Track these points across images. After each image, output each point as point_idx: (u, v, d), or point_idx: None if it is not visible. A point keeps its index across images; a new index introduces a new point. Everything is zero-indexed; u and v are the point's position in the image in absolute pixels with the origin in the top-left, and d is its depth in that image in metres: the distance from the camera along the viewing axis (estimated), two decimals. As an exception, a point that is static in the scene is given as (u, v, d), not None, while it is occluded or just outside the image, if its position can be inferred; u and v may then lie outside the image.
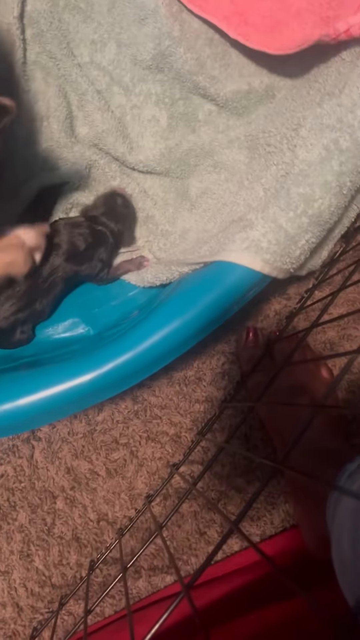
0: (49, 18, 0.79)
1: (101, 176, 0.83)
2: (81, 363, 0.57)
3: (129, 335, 0.57)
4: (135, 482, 0.84)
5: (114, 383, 0.58)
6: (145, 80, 0.81)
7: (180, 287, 0.63)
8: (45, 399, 0.56)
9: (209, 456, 0.85)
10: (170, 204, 0.83)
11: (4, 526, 0.81)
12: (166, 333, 0.56)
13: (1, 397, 0.56)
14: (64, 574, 0.81)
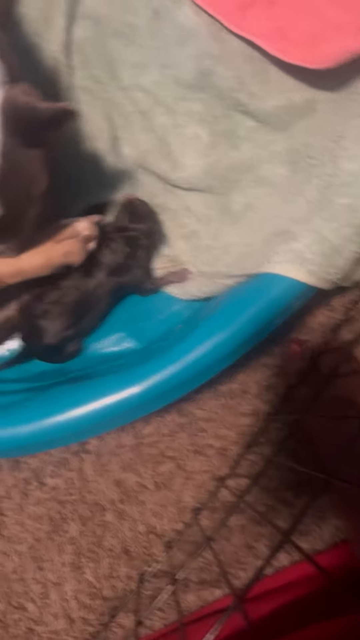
0: (94, 44, 0.82)
1: (145, 194, 0.85)
2: (130, 375, 0.58)
3: (176, 348, 0.59)
4: (182, 495, 0.84)
5: (161, 395, 0.59)
6: (187, 99, 0.82)
7: (224, 299, 0.64)
8: (95, 411, 0.57)
9: (255, 469, 0.84)
10: (212, 220, 0.84)
11: (55, 538, 0.83)
12: (212, 345, 0.57)
13: (53, 409, 0.58)
14: (114, 587, 0.82)
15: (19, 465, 0.84)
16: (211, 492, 0.84)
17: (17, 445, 0.60)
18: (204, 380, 0.65)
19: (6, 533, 0.83)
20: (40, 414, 0.58)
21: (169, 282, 0.81)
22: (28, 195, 0.58)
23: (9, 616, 0.81)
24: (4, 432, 0.58)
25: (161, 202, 0.85)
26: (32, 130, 0.53)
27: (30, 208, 0.60)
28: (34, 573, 0.82)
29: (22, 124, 0.52)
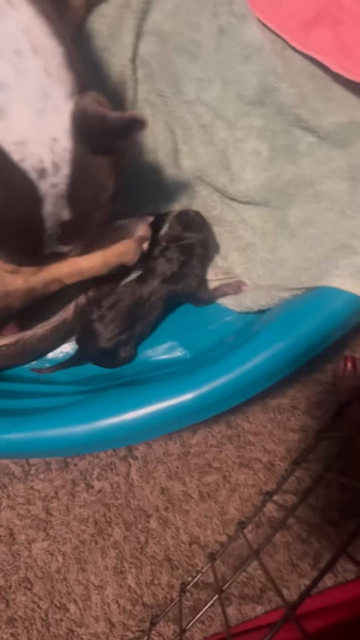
0: (159, 59, 0.84)
1: (203, 206, 0.86)
2: (183, 382, 0.59)
3: (231, 357, 0.59)
4: (227, 507, 0.84)
5: (213, 403, 0.59)
6: (248, 114, 0.83)
7: (281, 311, 0.64)
8: (149, 415, 0.58)
9: (302, 486, 0.84)
10: (269, 233, 0.85)
11: (99, 541, 0.84)
12: (267, 356, 0.57)
13: (107, 411, 0.59)
14: (155, 594, 0.82)
15: (68, 466, 0.86)
16: (256, 507, 0.83)
17: (70, 445, 0.61)
18: (257, 391, 0.65)
19: (52, 533, 0.85)
20: (94, 415, 0.59)
21: (224, 294, 0.82)
22: (95, 201, 0.60)
23: (51, 615, 0.82)
24: (59, 431, 0.60)
25: (218, 214, 0.86)
26: (100, 138, 0.55)
27: (97, 213, 0.61)
28: (77, 574, 0.83)
29: (91, 132, 0.54)
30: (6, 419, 0.62)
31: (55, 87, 0.52)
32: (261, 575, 0.81)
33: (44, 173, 0.53)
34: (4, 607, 0.83)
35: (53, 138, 0.52)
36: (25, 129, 0.51)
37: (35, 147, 0.52)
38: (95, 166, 0.56)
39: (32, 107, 0.51)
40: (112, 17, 0.85)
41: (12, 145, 0.51)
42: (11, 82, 0.50)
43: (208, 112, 0.85)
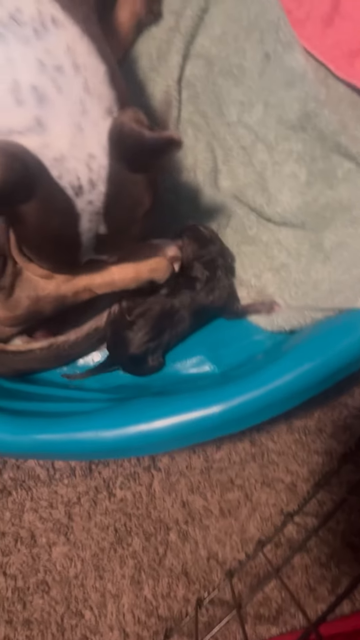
0: (204, 82, 0.87)
1: (239, 225, 0.88)
2: (213, 394, 0.60)
3: (261, 373, 0.60)
4: (247, 525, 0.84)
5: (241, 418, 0.60)
6: (288, 139, 0.85)
7: (312, 331, 0.65)
8: (177, 424, 0.59)
9: (324, 510, 0.83)
10: (303, 255, 0.86)
11: (118, 550, 0.85)
12: (298, 374, 0.58)
13: (136, 418, 0.60)
14: (170, 607, 0.82)
15: (92, 473, 0.87)
16: (277, 527, 0.83)
17: (99, 449, 0.62)
18: (285, 409, 0.65)
19: (72, 538, 0.86)
20: (124, 421, 0.60)
21: (256, 311, 0.83)
22: (131, 217, 0.60)
23: (67, 621, 0.83)
24: (88, 434, 0.61)
25: (254, 234, 0.87)
26: (137, 156, 0.55)
27: (133, 227, 0.63)
28: (95, 581, 0.84)
29: (127, 150, 0.54)
30: (38, 420, 0.64)
31: (94, 103, 0.53)
32: (278, 597, 0.81)
33: (81, 190, 0.54)
34: (20, 608, 0.84)
35: (90, 155, 0.53)
36: (64, 145, 0.52)
37: (72, 164, 0.53)
38: (131, 183, 0.57)
39: (70, 122, 0.52)
40: (161, 40, 0.88)
41: (51, 161, 0.52)
42: (51, 98, 0.51)
43: (249, 134, 0.87)
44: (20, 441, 0.62)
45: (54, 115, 0.51)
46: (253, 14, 0.83)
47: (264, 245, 0.87)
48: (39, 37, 0.51)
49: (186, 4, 0.85)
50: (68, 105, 0.52)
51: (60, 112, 0.51)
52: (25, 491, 0.87)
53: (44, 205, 0.54)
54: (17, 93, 0.50)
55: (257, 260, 0.88)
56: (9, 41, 0.50)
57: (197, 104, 0.88)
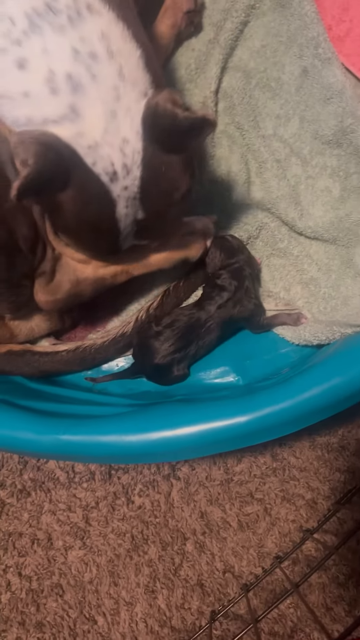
0: (241, 94, 0.87)
1: (270, 238, 0.88)
2: (240, 404, 0.60)
3: (289, 384, 0.59)
4: (265, 540, 0.83)
5: (267, 429, 0.60)
6: (323, 153, 0.85)
7: (343, 346, 0.64)
8: (202, 432, 0.59)
9: (344, 528, 0.82)
10: (333, 270, 0.85)
11: (134, 557, 0.84)
12: (326, 388, 0.57)
13: (161, 424, 0.60)
14: (184, 619, 0.81)
15: (112, 478, 0.87)
16: (295, 543, 0.82)
17: (122, 453, 0.62)
18: (310, 423, 0.64)
19: (89, 542, 0.86)
20: (149, 426, 0.60)
21: (282, 323, 0.82)
22: (168, 199, 0.60)
23: (79, 626, 0.82)
24: (112, 437, 0.61)
25: (284, 246, 0.87)
26: (171, 137, 0.54)
27: (171, 210, 0.62)
28: (109, 587, 0.84)
29: (161, 131, 0.54)
30: (62, 420, 0.64)
31: (127, 88, 0.53)
32: (293, 614, 0.80)
33: (115, 176, 0.54)
34: (34, 610, 0.84)
35: (124, 139, 0.53)
36: (97, 133, 0.52)
37: (105, 150, 0.53)
38: (167, 165, 0.56)
39: (104, 109, 0.52)
40: (200, 51, 0.89)
41: (85, 149, 0.52)
42: (85, 85, 0.51)
43: (284, 147, 0.87)
44: (43, 441, 0.62)
45: (88, 103, 0.52)
46: (293, 28, 0.83)
47: (295, 258, 0.87)
48: (73, 25, 0.51)
49: (227, 17, 0.85)
50: (102, 92, 0.52)
51: (94, 99, 0.52)
52: (44, 493, 0.87)
53: (80, 193, 0.55)
54: (52, 82, 0.51)
55: (286, 274, 0.88)
56: (45, 31, 0.50)
57: (233, 115, 0.89)
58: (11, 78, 0.52)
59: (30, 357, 0.78)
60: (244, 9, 0.84)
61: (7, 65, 0.51)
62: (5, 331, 0.77)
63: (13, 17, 0.50)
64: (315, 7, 0.81)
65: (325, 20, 0.81)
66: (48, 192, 0.54)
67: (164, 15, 0.84)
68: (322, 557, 0.79)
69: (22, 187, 0.50)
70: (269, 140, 0.88)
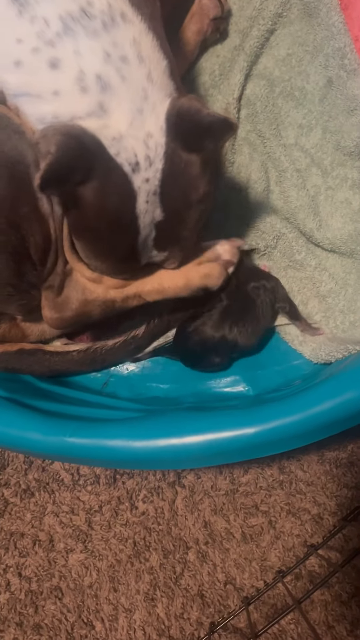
0: (265, 102, 0.87)
1: (287, 249, 0.87)
2: (249, 414, 0.59)
3: (301, 397, 0.59)
4: (268, 553, 0.82)
5: (276, 441, 0.59)
6: (344, 165, 0.84)
7: (357, 360, 0.63)
8: (209, 442, 0.58)
9: (349, 546, 0.81)
10: (350, 285, 0.84)
11: (135, 564, 0.83)
12: (339, 402, 0.56)
13: (170, 431, 0.59)
14: (182, 629, 0.80)
15: (116, 483, 0.86)
16: (299, 558, 0.81)
17: (128, 458, 0.61)
18: (320, 437, 0.63)
19: (90, 546, 0.85)
20: (157, 433, 0.59)
21: (303, 329, 0.81)
22: (187, 200, 0.60)
23: (77, 630, 0.82)
24: (119, 442, 0.60)
25: (302, 258, 0.86)
26: (192, 134, 0.56)
27: (189, 214, 0.61)
28: (108, 593, 0.83)
29: (183, 128, 0.56)
30: (70, 422, 0.63)
31: (155, 90, 0.56)
32: (294, 630, 0.78)
33: (138, 167, 0.55)
34: (32, 612, 0.83)
35: (148, 134, 0.55)
36: (123, 126, 0.54)
37: (130, 142, 0.54)
38: (187, 163, 0.57)
39: (132, 107, 0.55)
40: (225, 58, 0.89)
41: (109, 140, 0.54)
42: (114, 85, 0.53)
43: (305, 157, 0.87)
44: (49, 442, 0.62)
45: (116, 101, 0.54)
46: (319, 38, 0.83)
47: (312, 270, 0.86)
48: (107, 30, 0.53)
49: (253, 24, 0.85)
50: (130, 92, 0.54)
51: (122, 98, 0.54)
52: (48, 494, 0.87)
53: (102, 184, 0.55)
54: (82, 82, 0.53)
55: (303, 286, 0.86)
56: (78, 35, 0.53)
57: (255, 123, 0.88)
58: (42, 77, 0.54)
59: (42, 356, 0.78)
60: (271, 17, 0.84)
61: (40, 64, 0.53)
62: (17, 331, 0.76)
63: (47, 18, 0.53)
64: (342, 17, 0.80)
65: (353, 31, 0.80)
66: (71, 182, 0.55)
67: (190, 21, 0.84)
68: (326, 573, 0.78)
69: (45, 175, 0.51)
70: (290, 149, 0.88)
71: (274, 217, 0.88)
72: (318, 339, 0.80)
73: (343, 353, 0.72)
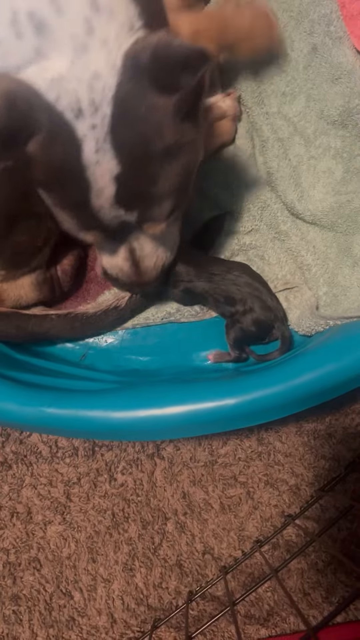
0: (245, 69, 0.85)
1: (272, 220, 0.86)
2: (229, 385, 0.59)
3: (281, 369, 0.59)
4: (246, 523, 0.83)
5: (256, 412, 0.59)
6: (327, 134, 0.83)
7: (338, 332, 0.63)
8: (190, 412, 0.58)
9: (326, 516, 0.82)
10: (330, 259, 0.84)
11: (114, 535, 0.83)
12: (320, 374, 0.56)
13: (150, 402, 0.59)
14: (161, 597, 0.81)
15: (95, 455, 0.86)
16: (276, 528, 0.82)
17: (108, 429, 0.61)
18: (300, 409, 0.64)
19: (68, 518, 0.85)
20: (137, 404, 0.59)
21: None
22: (149, 149, 0.51)
23: (55, 600, 0.82)
24: (99, 413, 0.59)
25: (287, 229, 0.85)
26: (162, 73, 0.47)
27: (156, 166, 0.52)
28: (87, 564, 0.83)
29: (148, 65, 0.47)
30: (48, 393, 0.62)
31: (102, 20, 0.47)
32: (270, 598, 0.80)
33: (81, 113, 0.48)
34: (10, 583, 0.83)
35: (95, 74, 0.47)
36: (63, 66, 0.47)
37: (71, 84, 0.47)
38: (150, 107, 0.49)
39: (73, 44, 0.47)
40: (207, 23, 0.86)
41: (48, 83, 0.47)
42: (49, 22, 0.46)
43: (288, 126, 0.85)
44: (26, 413, 0.61)
45: (54, 40, 0.47)
46: (305, 4, 0.80)
47: (297, 242, 0.85)
48: None
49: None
50: (69, 28, 0.46)
51: (60, 36, 0.47)
52: (25, 466, 0.86)
53: (44, 136, 0.49)
54: (16, 25, 0.46)
55: (289, 257, 0.86)
56: None
57: (237, 91, 0.86)
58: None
59: (17, 319, 0.76)
60: (254, -20, 0.81)
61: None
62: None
63: None
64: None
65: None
66: (18, 144, 0.49)
67: None
68: (303, 543, 0.79)
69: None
70: (272, 117, 0.86)
71: (259, 188, 0.87)
72: (302, 307, 0.80)
73: (323, 327, 0.71)
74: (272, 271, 0.86)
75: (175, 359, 0.84)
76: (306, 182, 0.85)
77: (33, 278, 0.77)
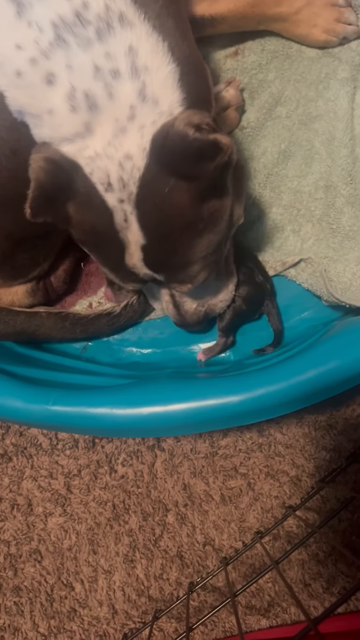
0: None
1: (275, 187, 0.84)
2: (233, 383, 0.58)
3: (285, 366, 0.58)
4: (247, 514, 0.83)
5: (261, 410, 0.58)
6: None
7: (342, 328, 0.63)
8: (194, 410, 0.57)
9: (327, 507, 0.82)
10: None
11: (115, 526, 0.84)
12: (323, 371, 0.56)
13: (155, 399, 0.58)
14: (162, 589, 0.81)
15: (95, 447, 0.86)
16: (277, 519, 0.82)
17: (112, 427, 0.60)
18: (304, 405, 0.63)
19: (69, 510, 0.85)
20: (139, 401, 0.58)
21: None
22: (171, 227, 0.55)
23: (57, 592, 0.82)
24: (103, 410, 0.59)
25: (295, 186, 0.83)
26: (180, 161, 0.51)
27: (176, 241, 0.56)
28: (88, 555, 0.83)
29: (169, 154, 0.51)
30: (52, 390, 0.61)
31: (145, 108, 0.51)
32: (271, 589, 0.80)
33: (110, 187, 0.52)
34: (11, 575, 0.83)
35: (126, 155, 0.51)
36: (100, 145, 0.51)
37: (103, 162, 0.51)
38: (172, 188, 0.52)
39: (115, 126, 0.51)
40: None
41: (86, 159, 0.52)
42: (101, 104, 0.50)
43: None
44: (31, 410, 0.60)
45: (101, 121, 0.51)
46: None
47: (308, 195, 0.82)
48: (101, 39, 0.49)
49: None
50: (116, 112, 0.51)
51: (107, 117, 0.51)
52: (26, 459, 0.86)
53: (80, 201, 0.54)
54: (72, 100, 0.50)
55: (296, 214, 0.82)
56: (71, 46, 0.49)
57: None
58: (40, 94, 0.51)
59: (5, 315, 0.75)
60: None
61: (37, 79, 0.50)
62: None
63: (40, 24, 0.49)
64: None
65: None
66: (58, 204, 0.54)
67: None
68: (303, 534, 0.79)
69: (32, 203, 0.51)
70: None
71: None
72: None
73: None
74: (269, 235, 0.84)
75: (176, 351, 0.83)
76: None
77: (28, 286, 0.77)
